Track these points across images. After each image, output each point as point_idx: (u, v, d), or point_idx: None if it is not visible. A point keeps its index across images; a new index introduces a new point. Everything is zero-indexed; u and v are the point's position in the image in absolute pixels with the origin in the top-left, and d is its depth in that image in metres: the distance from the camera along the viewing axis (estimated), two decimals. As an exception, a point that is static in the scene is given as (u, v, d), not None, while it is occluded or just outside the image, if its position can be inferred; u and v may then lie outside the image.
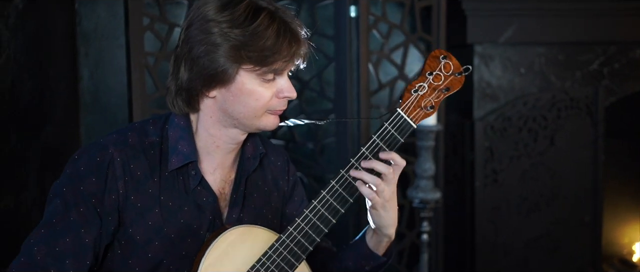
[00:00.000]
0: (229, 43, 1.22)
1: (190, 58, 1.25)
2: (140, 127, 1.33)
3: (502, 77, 3.23)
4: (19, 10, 2.47)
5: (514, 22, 3.17)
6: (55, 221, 1.24)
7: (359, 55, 2.80)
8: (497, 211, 3.27)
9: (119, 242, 1.28)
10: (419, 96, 1.29)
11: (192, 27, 1.25)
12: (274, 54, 1.22)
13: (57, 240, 1.22)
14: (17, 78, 2.46)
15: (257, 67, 1.23)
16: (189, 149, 1.30)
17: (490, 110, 3.22)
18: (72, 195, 1.25)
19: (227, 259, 1.25)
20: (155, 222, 1.27)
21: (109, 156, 1.27)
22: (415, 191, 2.64)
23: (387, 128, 1.28)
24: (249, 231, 1.28)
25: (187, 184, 1.31)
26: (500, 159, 3.24)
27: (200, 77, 1.25)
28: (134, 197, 1.27)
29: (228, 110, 1.28)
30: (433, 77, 1.29)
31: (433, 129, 2.59)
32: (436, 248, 3.10)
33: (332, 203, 1.28)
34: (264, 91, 1.26)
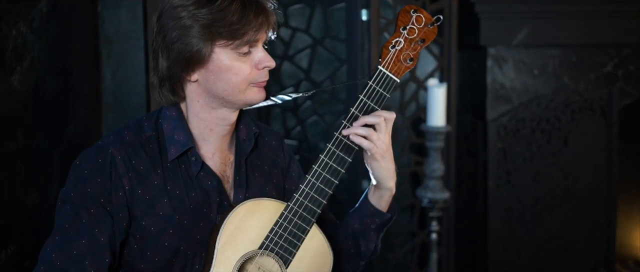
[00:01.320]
0: (198, 23, 1.26)
1: (166, 46, 1.29)
2: (135, 124, 1.37)
3: (515, 79, 3.25)
4: (43, 14, 2.58)
5: (528, 24, 3.19)
6: (67, 226, 1.28)
7: (370, 58, 2.86)
8: (510, 211, 3.29)
9: (134, 237, 1.32)
10: (397, 51, 1.33)
11: (162, 16, 1.30)
12: (244, 25, 1.26)
13: (72, 243, 1.26)
14: (41, 79, 2.57)
15: (230, 42, 1.26)
16: (185, 137, 1.34)
17: (504, 112, 3.24)
18: (80, 198, 1.28)
19: (240, 234, 1.30)
20: (166, 212, 1.31)
21: (109, 155, 1.30)
22: (425, 190, 2.69)
23: (372, 86, 1.32)
24: (257, 204, 1.33)
25: (190, 170, 1.34)
26: (513, 160, 3.26)
27: (178, 62, 1.29)
28: (141, 191, 1.31)
29: (212, 90, 1.31)
30: (407, 31, 1.33)
31: (442, 130, 2.63)
32: (447, 247, 3.14)
33: (332, 165, 1.33)
34: (241, 65, 1.29)
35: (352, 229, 1.46)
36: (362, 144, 1.32)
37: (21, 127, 2.40)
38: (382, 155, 1.35)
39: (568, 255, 3.34)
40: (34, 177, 2.48)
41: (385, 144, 1.34)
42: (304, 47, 3.12)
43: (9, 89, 2.31)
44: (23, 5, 2.42)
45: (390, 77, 1.33)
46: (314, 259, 1.34)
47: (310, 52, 3.10)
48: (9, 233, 2.28)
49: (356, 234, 1.45)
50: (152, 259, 1.32)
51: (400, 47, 1.33)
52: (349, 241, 1.46)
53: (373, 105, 1.32)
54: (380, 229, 1.46)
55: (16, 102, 2.36)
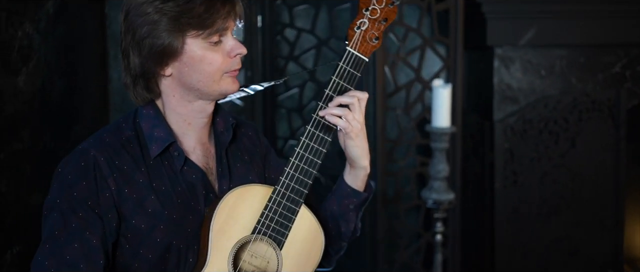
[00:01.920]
0: (166, 16, 1.27)
1: (136, 43, 1.30)
2: (113, 126, 1.38)
3: (522, 80, 3.24)
4: (49, 15, 2.59)
5: (535, 24, 3.17)
6: (57, 232, 1.26)
7: (375, 59, 2.85)
8: (516, 212, 3.28)
9: (125, 237, 1.32)
10: (363, 31, 1.37)
11: (129, 14, 1.30)
12: (212, 14, 1.27)
13: (64, 249, 1.25)
14: (48, 80, 2.58)
15: (200, 31, 1.28)
16: (165, 133, 1.35)
17: (511, 113, 3.23)
18: (67, 204, 1.27)
19: (232, 221, 1.32)
20: (155, 208, 1.31)
21: (92, 158, 1.30)
22: (429, 191, 2.68)
23: (343, 67, 1.37)
24: (245, 190, 1.35)
25: (173, 166, 1.35)
26: (520, 160, 3.25)
27: (151, 57, 1.30)
28: (127, 190, 1.31)
29: (187, 83, 1.33)
30: (369, 12, 1.37)
31: (446, 130, 2.62)
32: (453, 249, 3.13)
33: (313, 146, 1.36)
34: (214, 54, 1.30)
35: (331, 211, 1.48)
36: (337, 123, 1.36)
37: (27, 128, 2.42)
38: (356, 134, 1.39)
39: (575, 257, 3.32)
40: (40, 178, 2.50)
41: (360, 123, 1.38)
42: (309, 47, 3.12)
43: (15, 90, 2.33)
44: (29, 7, 2.44)
45: (359, 57, 1.37)
46: (305, 238, 1.37)
47: (315, 52, 3.10)
48: (14, 233, 2.30)
49: (335, 216, 1.48)
50: (146, 257, 1.32)
51: (365, 27, 1.37)
52: (329, 224, 1.48)
53: (346, 85, 1.37)
54: (358, 209, 1.49)
55: (22, 103, 2.38)
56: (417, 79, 3.04)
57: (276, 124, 3.23)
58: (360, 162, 1.45)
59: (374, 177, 2.97)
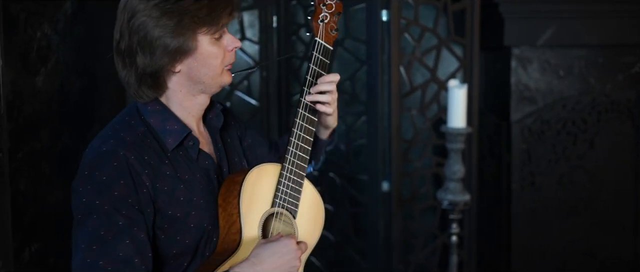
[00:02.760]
0: (180, 16, 1.35)
1: (147, 43, 1.35)
2: (124, 125, 1.42)
3: (540, 80, 3.21)
4: (67, 16, 2.62)
5: (553, 24, 3.14)
6: (103, 233, 1.29)
7: (390, 58, 2.84)
8: (533, 214, 3.25)
9: (161, 229, 1.38)
10: (325, 24, 1.56)
11: (136, 17, 1.35)
12: (219, 12, 1.37)
13: (116, 247, 1.29)
14: (66, 80, 2.61)
15: (211, 28, 1.38)
16: (179, 126, 1.43)
17: (528, 113, 3.20)
18: (109, 204, 1.31)
19: (255, 197, 1.45)
20: (185, 196, 1.39)
21: (123, 157, 1.34)
22: (445, 192, 2.66)
23: (316, 55, 1.54)
24: (260, 170, 1.47)
25: (188, 155, 1.44)
26: (537, 162, 3.22)
27: (164, 56, 1.37)
28: (159, 184, 1.37)
29: (196, 77, 1.42)
30: (326, 6, 1.57)
31: (462, 131, 2.61)
32: (469, 250, 3.11)
33: (305, 125, 1.53)
34: (217, 50, 1.41)
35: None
36: (324, 109, 1.54)
37: (46, 128, 2.45)
38: (334, 110, 1.57)
39: (593, 259, 3.29)
40: (58, 177, 2.53)
41: (336, 101, 1.57)
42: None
43: (34, 90, 2.36)
44: (48, 7, 2.46)
45: (325, 46, 1.55)
46: (311, 207, 1.55)
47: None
48: (33, 231, 2.33)
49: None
50: (183, 242, 1.40)
51: (327, 20, 1.56)
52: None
53: (320, 70, 1.55)
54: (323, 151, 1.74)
55: (41, 103, 2.41)
56: (433, 80, 3.02)
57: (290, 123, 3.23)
58: (332, 124, 1.65)
59: (389, 177, 2.96)
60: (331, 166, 3.19)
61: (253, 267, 1.36)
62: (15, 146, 2.22)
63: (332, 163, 3.19)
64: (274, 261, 1.38)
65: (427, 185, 3.08)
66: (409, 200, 3.05)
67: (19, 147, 2.25)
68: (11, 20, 2.19)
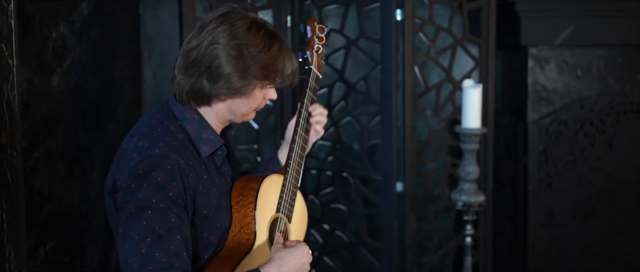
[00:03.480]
0: (257, 65, 1.52)
1: (216, 72, 1.51)
2: (165, 130, 1.56)
3: (557, 80, 3.17)
4: (84, 16, 2.65)
5: (571, 24, 3.10)
6: (158, 228, 1.45)
7: (404, 59, 2.83)
8: (551, 216, 3.21)
9: (193, 225, 1.55)
10: (319, 54, 1.80)
11: (218, 43, 1.50)
12: (285, 74, 1.57)
13: (170, 241, 1.45)
14: (82, 79, 2.63)
15: (269, 83, 1.57)
16: (214, 136, 1.61)
17: (545, 114, 3.17)
18: (163, 203, 1.46)
19: (266, 202, 1.65)
20: (216, 198, 1.59)
21: (175, 161, 1.49)
22: (459, 194, 2.64)
23: (310, 82, 1.79)
24: (271, 178, 1.68)
25: (216, 162, 1.62)
26: (555, 163, 3.19)
27: (224, 89, 1.54)
28: (200, 186, 1.55)
29: (232, 110, 1.60)
30: (318, 38, 1.79)
31: (477, 132, 2.58)
32: (485, 252, 3.08)
33: (301, 143, 1.76)
34: (260, 96, 1.60)
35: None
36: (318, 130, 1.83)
37: (61, 127, 2.47)
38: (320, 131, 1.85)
39: (612, 262, 3.24)
40: (74, 176, 2.55)
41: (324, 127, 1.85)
42: (338, 47, 3.11)
43: (49, 89, 2.38)
44: (63, 8, 2.49)
45: (317, 74, 1.80)
46: (300, 215, 1.78)
47: (344, 52, 3.09)
48: (48, 230, 2.35)
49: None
50: (208, 239, 1.58)
51: (320, 51, 1.80)
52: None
53: (313, 96, 1.78)
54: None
55: (56, 102, 2.43)
56: (448, 79, 3.00)
57: (305, 124, 3.23)
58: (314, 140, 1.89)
59: (403, 178, 2.95)
60: (345, 167, 3.18)
61: (279, 268, 1.54)
62: (30, 145, 2.24)
63: (346, 163, 3.18)
64: (295, 263, 1.57)
65: (442, 186, 3.05)
66: (423, 201, 3.03)
67: (34, 146, 2.27)
68: (27, 20, 2.21)
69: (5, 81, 1.92)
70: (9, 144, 1.93)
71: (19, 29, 2.11)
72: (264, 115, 3.15)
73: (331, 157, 3.22)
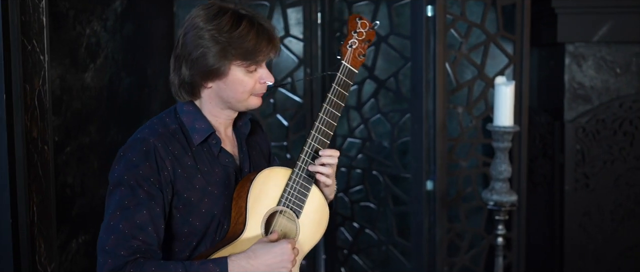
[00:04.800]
0: (219, 45, 1.56)
1: (190, 60, 1.59)
2: (159, 121, 1.65)
3: (595, 78, 3.09)
4: (117, 14, 2.69)
5: (609, 20, 3.02)
6: (127, 203, 1.53)
7: (435, 55, 2.79)
8: (588, 217, 3.14)
9: (177, 209, 1.60)
10: (353, 49, 1.71)
11: (187, 34, 1.59)
12: (258, 50, 1.58)
13: (135, 215, 1.53)
14: (115, 75, 2.67)
15: (245, 62, 1.58)
16: (206, 125, 1.64)
17: (583, 112, 3.09)
18: (134, 180, 1.55)
19: (263, 195, 1.65)
20: (201, 185, 1.62)
21: (151, 144, 1.57)
22: (490, 193, 2.60)
23: (340, 77, 1.69)
24: (271, 171, 1.67)
25: (211, 152, 1.65)
26: (592, 162, 3.11)
27: (199, 74, 1.59)
28: (180, 170, 1.59)
29: (222, 96, 1.63)
30: (357, 34, 1.71)
31: (509, 129, 2.53)
32: (518, 252, 3.02)
33: (319, 137, 1.69)
34: (249, 79, 1.61)
35: None
36: (322, 179, 1.70)
37: (94, 122, 2.52)
38: (332, 183, 1.73)
39: (651, 265, 3.15)
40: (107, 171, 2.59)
41: (332, 178, 1.72)
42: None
43: (82, 86, 2.43)
44: (97, 5, 2.53)
45: (351, 69, 1.70)
46: (316, 212, 1.71)
47: (375, 48, 3.07)
48: (81, 223, 2.40)
49: None
50: (194, 224, 1.62)
51: (355, 46, 1.71)
52: None
53: (341, 90, 1.69)
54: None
55: (89, 98, 2.47)
56: (481, 76, 2.95)
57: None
58: (330, 196, 1.78)
59: (433, 176, 2.91)
60: (375, 164, 3.16)
61: (247, 259, 1.56)
62: (63, 140, 2.29)
63: (376, 161, 3.15)
64: (267, 259, 1.57)
65: (474, 185, 3.01)
66: (454, 200, 2.99)
67: (66, 142, 2.32)
68: (59, 18, 2.26)
69: (36, 77, 1.96)
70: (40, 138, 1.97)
71: (52, 26, 2.16)
72: (293, 112, 3.15)
73: (361, 154, 3.20)
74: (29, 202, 1.90)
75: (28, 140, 1.89)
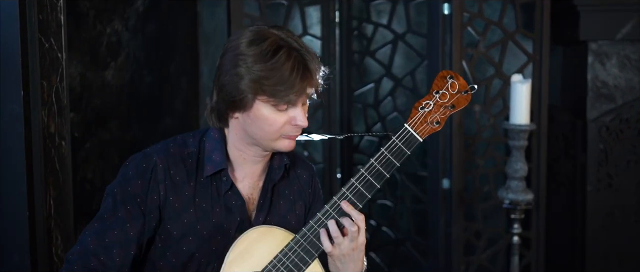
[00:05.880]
0: (250, 76, 1.38)
1: (220, 83, 1.43)
2: (182, 139, 1.53)
3: (619, 76, 3.04)
4: (139, 13, 2.75)
5: (633, 17, 2.96)
6: (106, 216, 1.45)
7: (452, 52, 2.78)
8: (611, 217, 3.08)
9: (159, 237, 1.48)
10: (426, 113, 1.42)
11: (225, 56, 1.44)
12: (287, 89, 1.38)
13: (106, 232, 1.43)
14: (137, 74, 2.73)
15: (271, 99, 1.40)
16: (220, 159, 1.48)
17: (606, 111, 3.04)
18: (121, 195, 1.45)
19: (248, 254, 1.43)
20: (190, 221, 1.46)
21: (152, 162, 1.46)
22: (506, 191, 2.58)
23: (395, 141, 1.43)
24: (269, 230, 1.46)
25: (219, 188, 1.49)
26: (615, 162, 3.05)
27: (224, 101, 1.43)
28: (172, 198, 1.46)
29: (247, 131, 1.46)
30: (439, 95, 1.42)
31: (524, 128, 2.51)
32: (537, 252, 2.99)
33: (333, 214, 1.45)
34: (277, 118, 1.42)
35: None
36: (324, 244, 1.43)
37: (115, 119, 2.58)
38: (338, 257, 1.45)
39: (676, 268, 3.08)
40: (127, 166, 2.65)
41: (345, 250, 1.43)
42: (385, 42, 3.09)
43: (103, 83, 2.49)
44: (118, 5, 2.59)
45: (414, 136, 1.42)
46: None
47: (392, 47, 3.07)
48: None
49: None
50: (170, 260, 1.47)
51: (429, 109, 1.42)
52: None
53: (393, 159, 1.42)
54: None
55: (110, 95, 2.54)
56: (498, 75, 2.93)
57: (352, 120, 3.23)
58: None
59: (450, 174, 2.90)
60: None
61: None
62: (83, 136, 2.35)
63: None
64: None
65: (491, 183, 2.98)
66: (470, 198, 2.98)
67: (86, 138, 2.38)
68: (80, 17, 2.32)
69: (54, 74, 2.02)
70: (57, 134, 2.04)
71: (72, 25, 2.22)
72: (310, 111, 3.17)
73: (378, 152, 3.21)
74: (46, 195, 1.96)
75: (45, 135, 1.95)
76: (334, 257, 1.44)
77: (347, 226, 1.42)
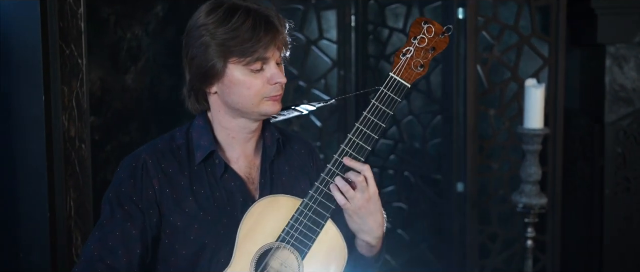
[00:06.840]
0: (214, 41, 1.38)
1: (188, 61, 1.44)
2: (169, 135, 1.53)
3: (637, 80, 3.02)
4: (159, 18, 2.81)
5: (652, 20, 2.95)
6: (105, 222, 1.43)
7: (466, 56, 2.79)
8: (629, 221, 3.07)
9: (164, 233, 1.46)
10: (408, 59, 1.42)
11: (188, 34, 1.45)
12: (254, 44, 1.38)
13: (107, 236, 1.42)
14: (156, 77, 2.79)
15: (241, 59, 1.39)
16: (208, 142, 1.47)
17: (624, 115, 3.03)
18: (116, 198, 1.44)
19: (259, 227, 1.40)
20: (191, 209, 1.44)
21: (141, 160, 1.45)
22: (519, 195, 2.59)
23: (384, 91, 1.41)
24: (274, 200, 1.43)
25: (215, 173, 1.47)
26: (634, 166, 3.04)
27: (197, 76, 1.43)
28: (169, 190, 1.44)
29: (228, 102, 1.44)
30: (418, 40, 1.42)
31: (538, 132, 2.52)
32: (552, 256, 2.99)
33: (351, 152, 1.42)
34: (253, 80, 1.41)
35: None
36: (336, 198, 1.40)
37: (134, 122, 2.64)
38: (354, 211, 1.41)
39: (695, 273, 3.05)
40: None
41: (359, 202, 1.39)
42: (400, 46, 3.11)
43: (123, 87, 2.55)
44: (138, 10, 2.65)
45: (401, 83, 1.42)
46: (328, 253, 1.41)
47: (406, 51, 3.08)
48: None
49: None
50: (181, 252, 1.44)
51: (410, 55, 1.42)
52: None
53: (385, 109, 1.41)
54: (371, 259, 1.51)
55: (130, 99, 2.60)
56: (513, 79, 2.93)
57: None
58: (360, 236, 1.45)
59: (464, 178, 2.91)
60: (406, 165, 3.18)
61: None
62: (103, 139, 2.42)
63: (408, 162, 3.18)
64: None
65: (505, 187, 2.99)
66: (484, 202, 2.98)
67: (106, 140, 2.45)
68: (101, 23, 2.39)
69: (74, 79, 2.09)
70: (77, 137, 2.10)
71: (93, 32, 2.29)
72: (327, 114, 3.20)
73: (393, 155, 3.23)
74: (66, 196, 2.02)
75: (65, 138, 2.01)
76: (350, 212, 1.40)
77: (353, 178, 1.39)
